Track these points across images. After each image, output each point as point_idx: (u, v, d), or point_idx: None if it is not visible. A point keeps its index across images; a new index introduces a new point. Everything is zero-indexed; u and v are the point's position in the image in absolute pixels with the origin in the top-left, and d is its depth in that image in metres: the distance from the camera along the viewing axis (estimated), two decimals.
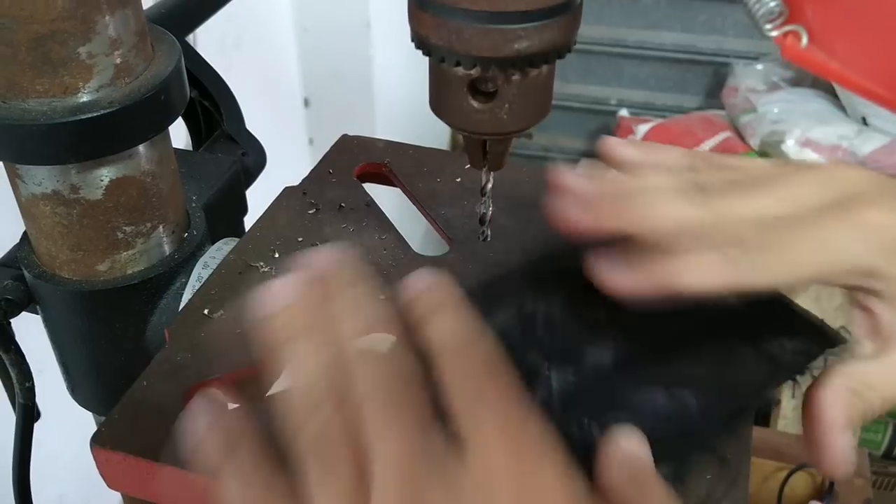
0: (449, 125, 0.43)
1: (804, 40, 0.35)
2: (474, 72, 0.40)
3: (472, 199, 0.60)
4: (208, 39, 0.97)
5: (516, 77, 0.40)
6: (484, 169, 0.47)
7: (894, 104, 0.34)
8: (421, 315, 0.33)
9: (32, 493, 0.58)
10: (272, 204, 0.60)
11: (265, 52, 1.45)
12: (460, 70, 0.40)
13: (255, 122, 0.71)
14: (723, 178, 0.38)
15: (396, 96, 1.69)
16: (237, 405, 0.47)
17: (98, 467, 0.44)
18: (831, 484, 1.15)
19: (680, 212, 0.35)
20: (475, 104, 0.42)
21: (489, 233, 0.53)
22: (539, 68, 0.41)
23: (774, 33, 0.35)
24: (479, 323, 0.32)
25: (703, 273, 0.35)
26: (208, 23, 0.70)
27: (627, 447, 0.33)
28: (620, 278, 0.36)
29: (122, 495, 0.65)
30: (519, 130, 0.43)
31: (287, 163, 1.06)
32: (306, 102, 1.60)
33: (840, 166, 0.38)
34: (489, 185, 0.49)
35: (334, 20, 1.50)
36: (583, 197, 0.37)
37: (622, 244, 0.36)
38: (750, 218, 0.35)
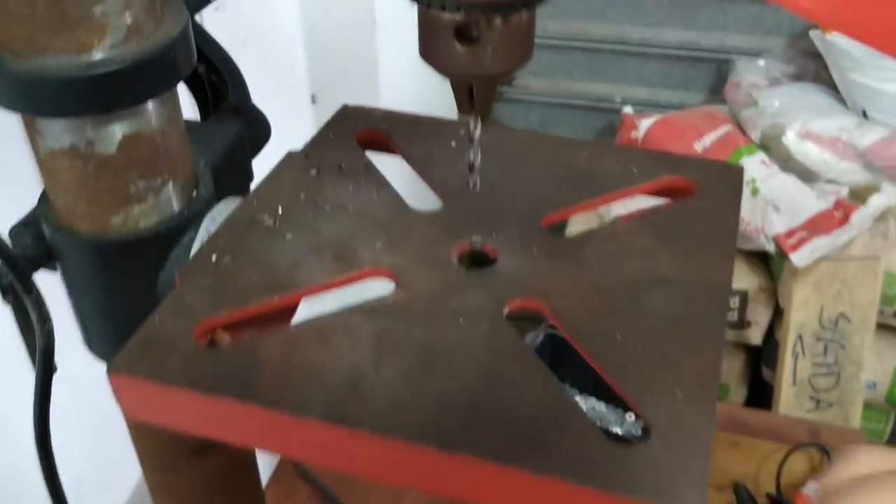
0: (436, 70, 0.46)
1: None
2: (458, 16, 0.43)
3: (465, 161, 0.63)
4: (217, 35, 1.00)
5: (498, 21, 0.44)
6: (472, 115, 0.50)
7: (815, 15, 0.35)
8: None
9: None
10: (275, 166, 0.63)
11: (273, 49, 1.48)
12: (446, 14, 0.43)
13: None
14: None
15: (401, 93, 1.73)
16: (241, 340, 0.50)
17: (115, 395, 0.47)
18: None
19: None
20: (460, 48, 0.45)
21: (478, 180, 0.56)
22: (519, 12, 0.44)
23: None
24: None
25: None
26: (217, 19, 0.73)
27: None
28: None
29: (140, 466, 0.67)
30: (502, 73, 0.46)
31: None
32: (314, 99, 1.64)
33: None
34: (478, 132, 0.52)
35: (341, 18, 1.54)
36: None
37: None
38: None
